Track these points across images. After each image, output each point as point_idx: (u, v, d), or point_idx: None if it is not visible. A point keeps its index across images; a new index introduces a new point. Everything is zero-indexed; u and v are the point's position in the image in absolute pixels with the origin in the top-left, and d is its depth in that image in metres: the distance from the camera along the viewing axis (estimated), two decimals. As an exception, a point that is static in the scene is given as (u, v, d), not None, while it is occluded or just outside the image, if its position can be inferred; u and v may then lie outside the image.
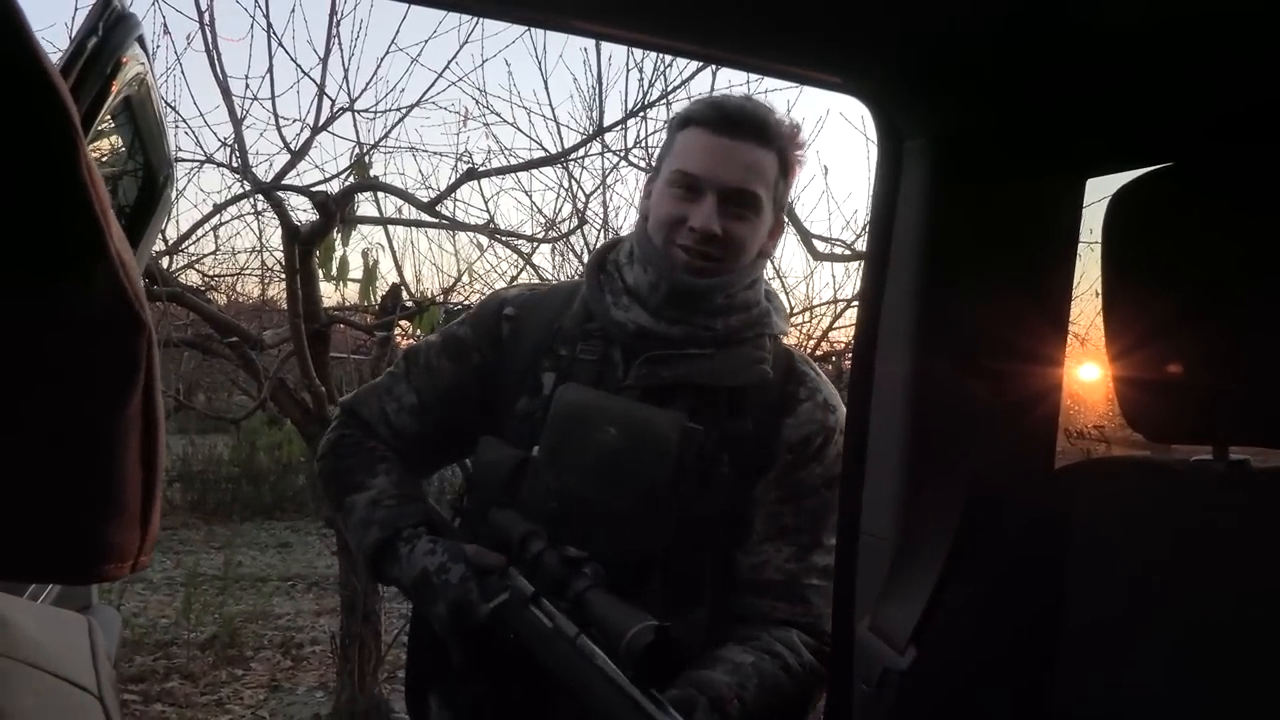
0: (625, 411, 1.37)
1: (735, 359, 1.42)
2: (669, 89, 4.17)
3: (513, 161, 4.17)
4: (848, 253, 5.08)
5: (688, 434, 1.35)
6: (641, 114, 4.21)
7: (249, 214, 4.68)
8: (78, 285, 0.40)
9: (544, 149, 4.15)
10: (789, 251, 14.35)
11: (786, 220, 1.60)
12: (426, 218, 4.02)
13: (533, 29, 3.62)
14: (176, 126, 3.79)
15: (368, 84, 3.93)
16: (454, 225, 4.25)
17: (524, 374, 1.46)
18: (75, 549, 0.42)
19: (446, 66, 3.90)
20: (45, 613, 0.72)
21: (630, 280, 1.42)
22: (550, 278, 4.62)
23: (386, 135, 4.06)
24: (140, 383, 0.42)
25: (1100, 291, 1.14)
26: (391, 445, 1.52)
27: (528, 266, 4.43)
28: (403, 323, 4.16)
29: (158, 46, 3.59)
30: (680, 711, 1.20)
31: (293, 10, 4.20)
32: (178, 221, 4.88)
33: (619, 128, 4.25)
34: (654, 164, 1.51)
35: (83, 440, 0.41)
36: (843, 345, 7.06)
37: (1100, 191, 1.30)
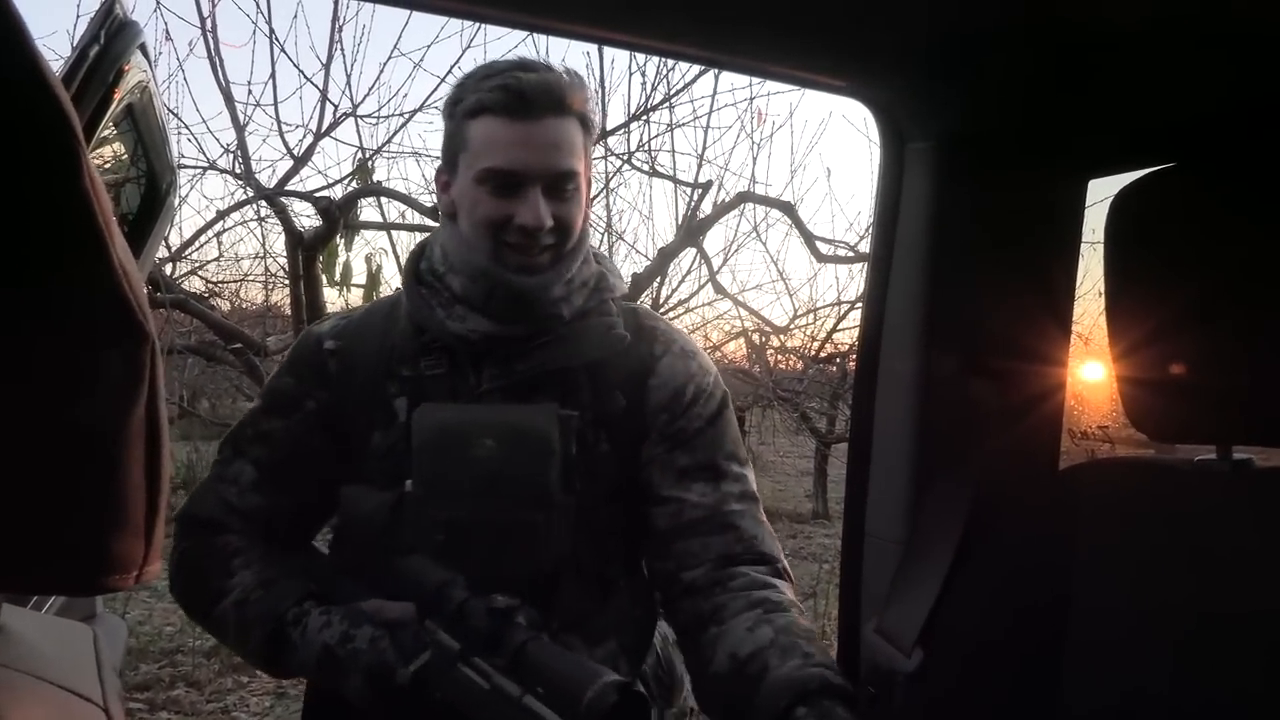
0: (496, 418, 1.27)
1: (588, 333, 1.33)
2: (671, 92, 4.18)
3: (515, 166, 4.18)
4: (851, 254, 5.09)
5: (565, 423, 1.27)
6: (644, 117, 4.22)
7: (252, 220, 4.69)
8: (80, 295, 0.40)
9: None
10: (793, 254, 14.42)
11: (791, 224, 1.53)
12: (430, 223, 4.02)
13: (535, 34, 3.62)
14: (179, 133, 3.81)
15: (370, 89, 3.96)
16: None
17: (368, 406, 1.32)
18: (78, 561, 0.42)
19: (449, 71, 3.91)
20: (50, 623, 0.72)
21: (459, 289, 1.29)
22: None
23: (389, 140, 4.08)
24: (143, 393, 0.42)
25: (1103, 292, 1.14)
26: (244, 533, 1.34)
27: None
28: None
29: (160, 53, 3.60)
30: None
31: (295, 16, 4.21)
32: (180, 228, 4.90)
33: (621, 131, 4.26)
34: (443, 154, 1.33)
35: (85, 451, 0.41)
36: (847, 347, 7.08)
37: (1102, 192, 1.30)
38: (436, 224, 4.03)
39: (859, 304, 6.31)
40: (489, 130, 1.24)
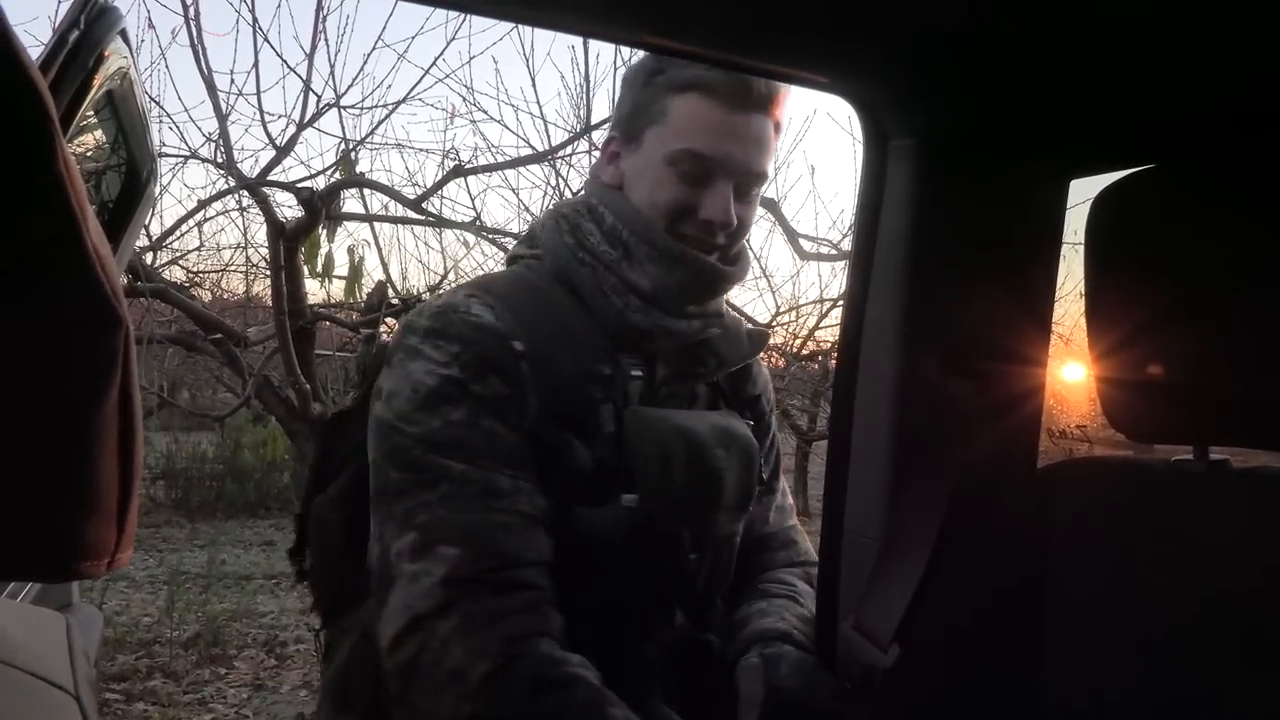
0: (711, 425, 1.18)
1: (736, 327, 1.30)
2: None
3: (500, 159, 4.18)
4: (834, 252, 5.10)
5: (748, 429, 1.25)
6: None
7: (234, 210, 4.68)
8: (53, 280, 0.39)
9: (531, 146, 4.16)
10: (775, 250, 14.44)
11: (775, 221, 1.52)
12: (413, 215, 4.01)
13: (520, 26, 3.61)
14: (161, 121, 3.79)
15: (354, 80, 3.97)
16: (440, 222, 4.25)
17: (570, 414, 1.12)
18: (50, 546, 0.41)
19: (434, 63, 3.93)
20: (22, 611, 0.72)
21: (646, 285, 1.16)
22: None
23: (373, 132, 4.08)
24: (117, 379, 0.42)
25: (1084, 292, 1.14)
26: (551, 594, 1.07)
27: (514, 264, 4.41)
28: (389, 320, 4.16)
29: (142, 41, 3.59)
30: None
31: (279, 5, 4.19)
32: (161, 217, 4.87)
33: (606, 125, 4.25)
34: (620, 121, 1.23)
35: (58, 437, 0.41)
36: (828, 344, 7.11)
37: (1084, 193, 1.31)
38: (419, 216, 4.03)
39: (841, 302, 6.33)
40: (700, 110, 1.15)
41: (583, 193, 1.29)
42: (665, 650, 1.16)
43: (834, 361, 7.37)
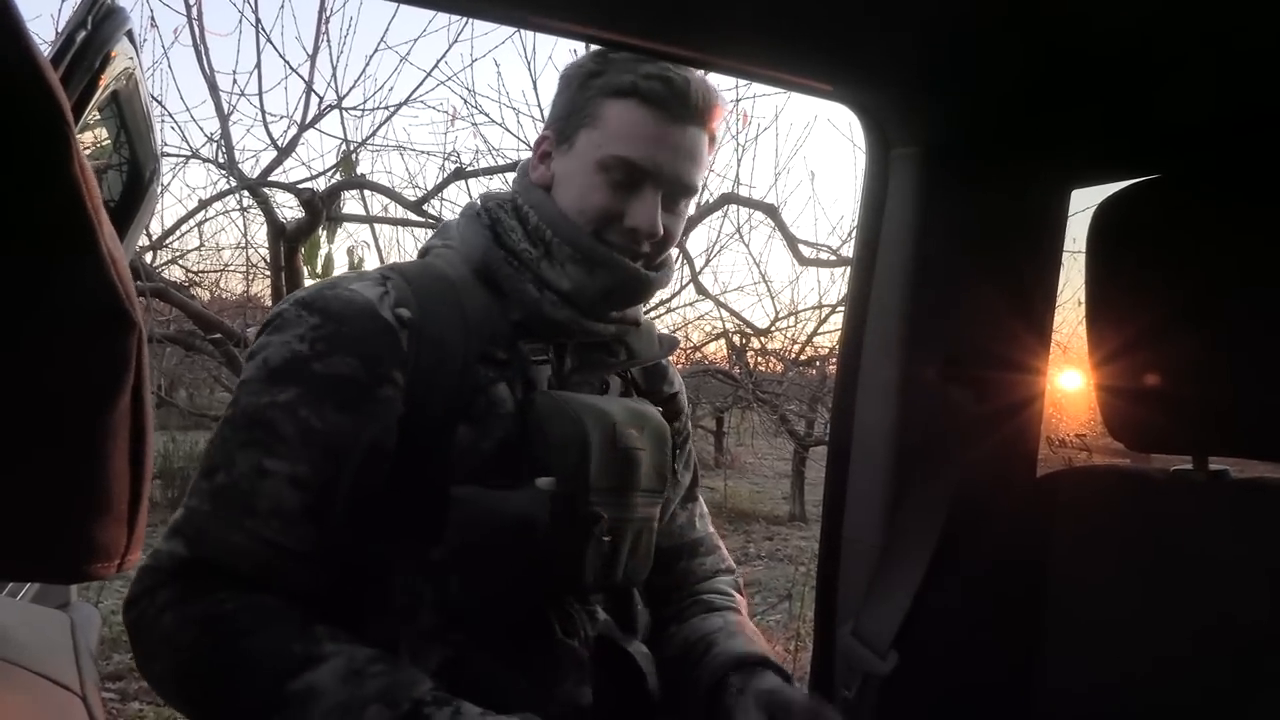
0: (625, 408, 1.17)
1: (648, 330, 1.31)
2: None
3: (501, 162, 4.17)
4: (833, 258, 5.10)
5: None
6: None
7: (234, 210, 4.67)
8: (69, 282, 0.39)
9: (532, 150, 4.15)
10: (775, 256, 14.44)
11: (774, 226, 1.51)
12: (413, 217, 4.00)
13: (522, 30, 3.62)
14: (163, 121, 3.78)
15: (356, 81, 3.95)
16: (440, 225, 4.25)
17: (454, 394, 1.10)
18: (62, 548, 0.42)
19: (435, 65, 3.90)
20: (28, 611, 0.72)
21: (565, 285, 1.16)
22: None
23: (374, 133, 4.08)
24: (129, 381, 0.42)
25: (1083, 301, 1.15)
26: (299, 589, 1.03)
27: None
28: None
29: (144, 40, 3.58)
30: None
31: (281, 6, 4.18)
32: (162, 217, 4.87)
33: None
34: (554, 121, 1.21)
35: (71, 439, 0.41)
36: (827, 350, 7.12)
37: (1083, 202, 1.32)
38: (419, 218, 4.03)
39: (840, 307, 6.34)
40: (633, 118, 1.14)
41: (509, 189, 1.27)
42: (584, 642, 1.15)
43: (832, 367, 7.38)
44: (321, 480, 1.03)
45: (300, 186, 3.53)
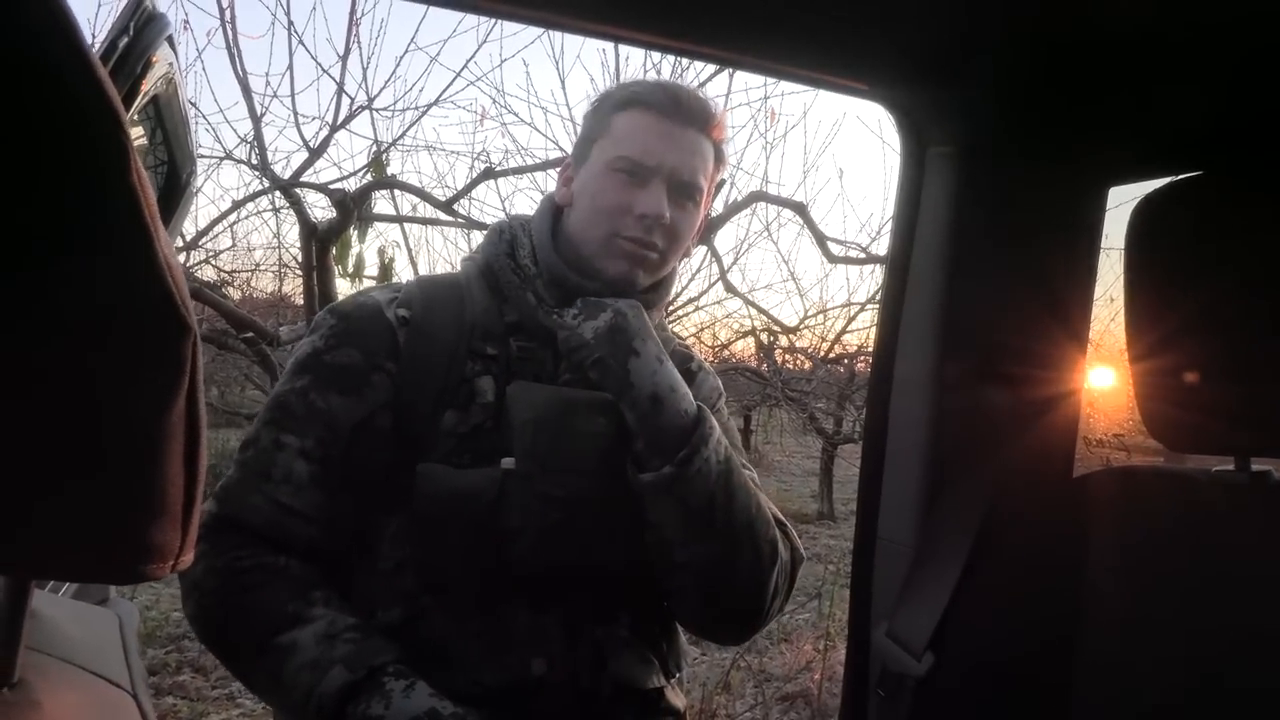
0: (605, 399, 1.23)
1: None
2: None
3: (529, 161, 4.18)
4: (862, 256, 5.08)
5: None
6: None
7: (267, 210, 4.71)
8: (128, 289, 0.40)
9: (560, 149, 4.15)
10: (803, 253, 14.40)
11: (803, 224, 1.52)
12: (443, 216, 4.03)
13: (551, 30, 3.62)
14: (196, 122, 3.82)
15: (386, 82, 3.94)
16: (470, 224, 4.26)
17: (442, 384, 1.24)
18: (119, 549, 0.42)
19: (465, 66, 3.92)
20: (76, 608, 0.73)
21: (551, 301, 1.28)
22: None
23: (404, 134, 4.11)
24: (184, 385, 0.43)
25: (1117, 298, 1.14)
26: (306, 547, 1.20)
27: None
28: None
29: (179, 42, 3.61)
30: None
31: (313, 8, 4.21)
32: (196, 217, 4.92)
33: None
34: (575, 150, 1.36)
35: (129, 441, 0.41)
36: (855, 348, 7.09)
37: (1115, 199, 1.31)
38: (448, 217, 4.05)
39: (869, 305, 6.31)
40: (636, 121, 1.28)
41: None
42: (557, 620, 1.22)
43: (860, 365, 7.34)
44: (325, 453, 1.21)
45: (332, 187, 3.56)
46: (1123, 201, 1.16)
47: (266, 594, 1.16)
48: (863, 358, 6.93)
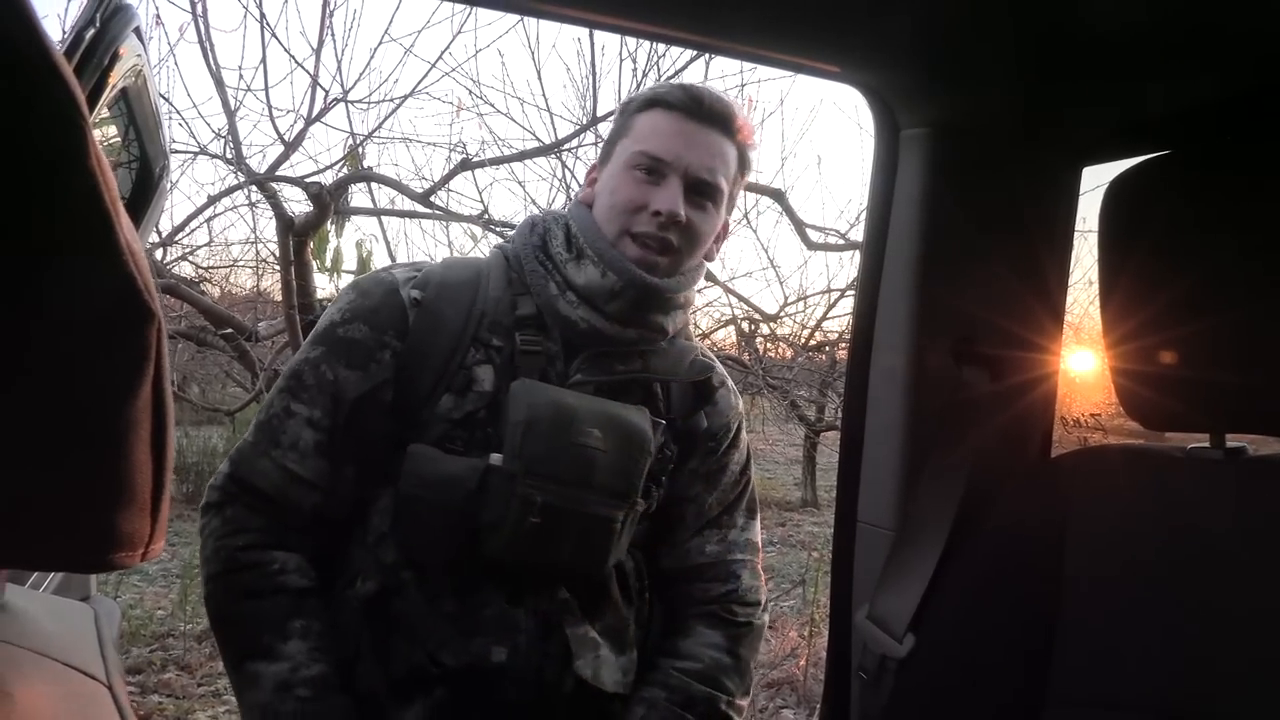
0: (600, 408, 1.25)
1: (682, 354, 1.37)
2: (662, 79, 4.16)
3: (506, 152, 4.16)
4: (841, 242, 5.08)
5: (657, 429, 1.29)
6: (635, 104, 4.19)
7: (243, 205, 4.67)
8: (88, 274, 0.40)
9: (538, 139, 4.13)
10: (783, 241, 14.41)
11: (782, 211, 1.53)
12: (420, 209, 4.01)
13: (526, 19, 3.61)
14: (170, 118, 3.79)
15: (361, 75, 3.93)
16: (448, 216, 4.24)
17: (443, 367, 1.27)
18: (88, 538, 0.42)
19: (440, 57, 3.87)
20: (51, 602, 0.72)
21: (580, 281, 1.28)
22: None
23: (380, 126, 4.06)
24: (150, 372, 0.42)
25: (1094, 280, 1.14)
26: (310, 515, 1.26)
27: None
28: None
29: (151, 37, 3.57)
30: None
31: (285, 1, 4.17)
32: (171, 213, 4.88)
33: (612, 117, 4.23)
34: (604, 150, 1.37)
35: (95, 429, 0.41)
36: (836, 335, 7.10)
37: (1091, 181, 1.31)
38: (427, 210, 4.04)
39: (849, 292, 6.32)
40: (656, 120, 1.29)
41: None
42: (531, 612, 1.23)
43: (841, 352, 7.35)
44: (330, 423, 1.26)
45: (308, 181, 3.54)
46: (1100, 183, 1.16)
47: (249, 610, 1.22)
48: (843, 345, 6.94)
